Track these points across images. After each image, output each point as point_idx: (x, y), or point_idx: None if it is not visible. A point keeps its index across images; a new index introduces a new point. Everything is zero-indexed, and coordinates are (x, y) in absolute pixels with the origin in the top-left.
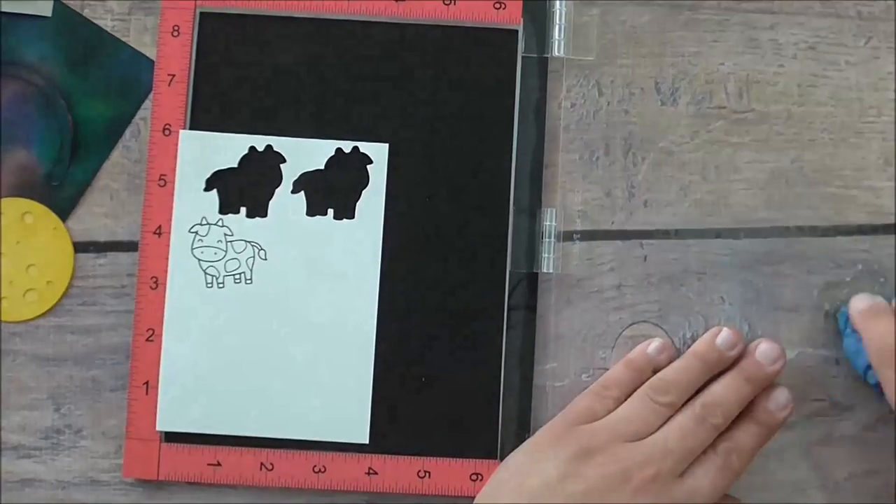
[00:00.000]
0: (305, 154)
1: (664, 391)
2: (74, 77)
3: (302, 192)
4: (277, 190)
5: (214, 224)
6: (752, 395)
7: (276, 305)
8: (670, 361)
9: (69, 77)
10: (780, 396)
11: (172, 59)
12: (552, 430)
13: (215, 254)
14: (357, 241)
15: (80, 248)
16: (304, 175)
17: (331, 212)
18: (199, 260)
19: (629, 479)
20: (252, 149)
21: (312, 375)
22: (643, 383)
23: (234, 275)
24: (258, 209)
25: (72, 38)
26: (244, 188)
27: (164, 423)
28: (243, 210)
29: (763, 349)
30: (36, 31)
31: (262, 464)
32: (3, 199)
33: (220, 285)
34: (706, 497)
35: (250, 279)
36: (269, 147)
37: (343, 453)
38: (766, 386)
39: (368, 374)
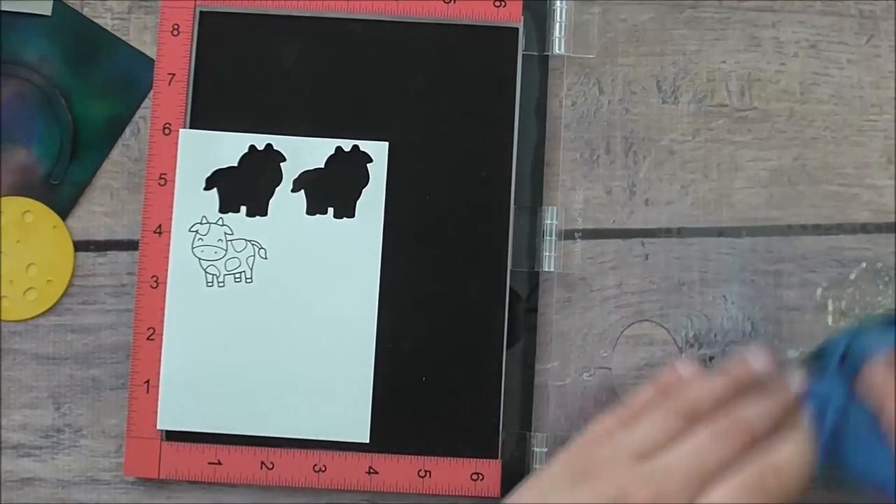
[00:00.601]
0: (305, 153)
1: (683, 409)
2: (74, 76)
3: (302, 191)
4: (277, 189)
5: (215, 223)
6: (778, 411)
7: (277, 304)
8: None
9: (69, 76)
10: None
11: (172, 58)
12: (564, 457)
13: (215, 253)
14: (357, 240)
15: (79, 246)
16: (305, 174)
17: (331, 210)
18: (200, 259)
19: (624, 499)
20: (252, 147)
21: (313, 374)
22: None
23: (234, 274)
24: (258, 208)
25: (72, 37)
26: (244, 187)
27: (165, 422)
28: (243, 209)
29: (791, 376)
30: (36, 30)
31: (262, 463)
32: (3, 198)
33: (221, 284)
34: None
35: (250, 278)
36: (269, 146)
37: (343, 452)
38: (793, 402)
39: (369, 373)
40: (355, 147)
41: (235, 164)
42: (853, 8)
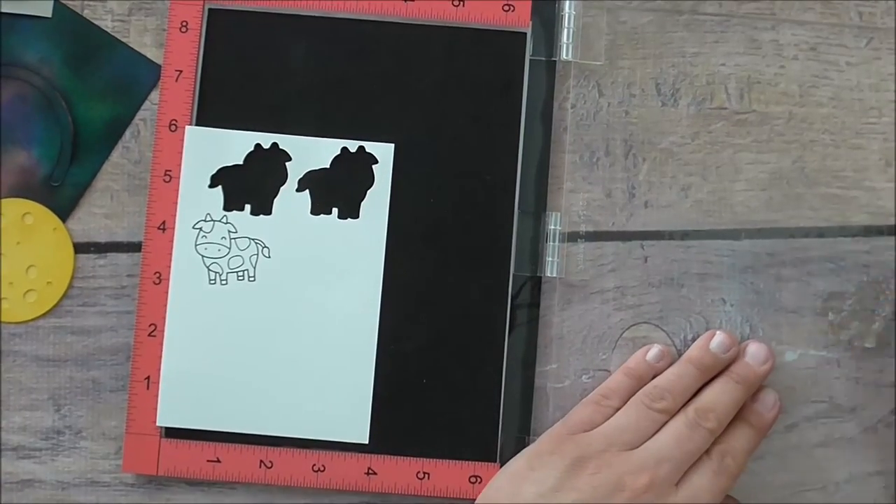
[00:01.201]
0: (311, 152)
1: (659, 397)
2: (74, 78)
3: (307, 191)
4: (282, 188)
5: (219, 221)
6: (745, 397)
7: (279, 304)
8: (669, 367)
9: (69, 78)
10: (768, 398)
11: (180, 55)
12: (551, 438)
13: (219, 250)
14: (361, 241)
15: (80, 248)
16: (310, 173)
17: (335, 211)
18: (203, 256)
19: (623, 487)
20: (258, 146)
21: (314, 374)
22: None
23: (237, 272)
24: (263, 207)
25: (72, 39)
26: (249, 185)
27: (165, 419)
28: (248, 207)
29: (752, 351)
30: (36, 31)
31: (261, 461)
32: (4, 200)
33: (224, 282)
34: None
35: (253, 277)
36: (274, 145)
37: (343, 453)
38: (757, 388)
39: (369, 374)
40: (361, 148)
41: (241, 163)
42: (853, 11)
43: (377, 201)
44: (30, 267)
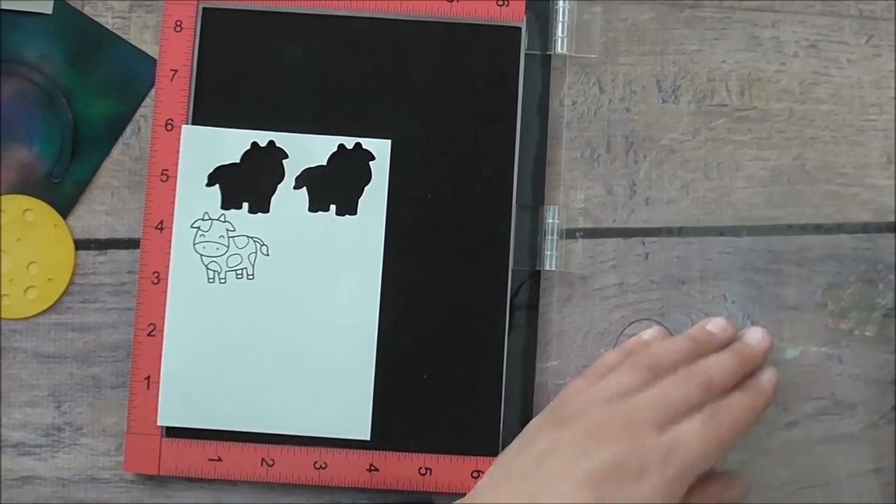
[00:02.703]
0: (308, 150)
1: (647, 363)
2: (75, 75)
3: (304, 188)
4: (280, 185)
5: (216, 219)
6: (739, 369)
7: (278, 301)
8: None
9: (70, 75)
10: (766, 372)
11: (175, 55)
12: (542, 416)
13: (217, 249)
14: (359, 238)
15: (80, 245)
16: (307, 171)
17: (333, 208)
18: (201, 255)
19: (602, 429)
20: (254, 144)
21: (314, 372)
22: None
23: (235, 270)
24: (260, 205)
25: (72, 36)
26: (246, 184)
27: (166, 419)
28: (245, 205)
29: (749, 333)
30: (37, 28)
31: (262, 459)
32: (4, 197)
33: (222, 281)
34: (690, 451)
35: (252, 275)
36: (271, 143)
37: (344, 450)
38: (754, 366)
39: (370, 371)
40: (358, 145)
41: (238, 161)
42: (853, 8)
43: (375, 198)
44: (30, 263)
